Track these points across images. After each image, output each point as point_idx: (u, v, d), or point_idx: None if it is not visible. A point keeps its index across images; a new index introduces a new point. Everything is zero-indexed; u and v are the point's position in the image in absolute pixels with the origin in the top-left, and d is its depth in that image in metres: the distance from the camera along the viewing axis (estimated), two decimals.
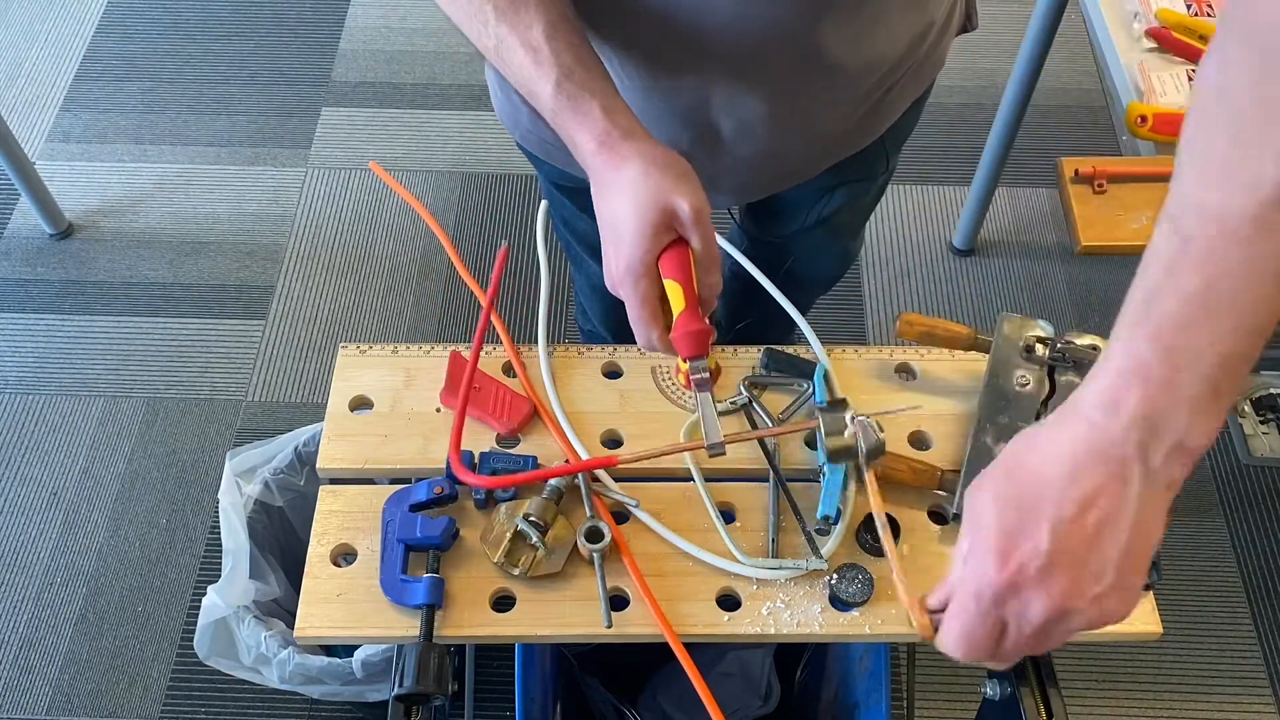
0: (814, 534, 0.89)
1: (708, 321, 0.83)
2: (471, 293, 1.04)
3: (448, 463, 0.92)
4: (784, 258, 1.35)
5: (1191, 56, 1.45)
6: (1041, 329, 0.98)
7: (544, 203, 1.09)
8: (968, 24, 1.15)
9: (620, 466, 0.93)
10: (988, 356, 0.97)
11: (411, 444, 0.96)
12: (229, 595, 1.41)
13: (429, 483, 0.90)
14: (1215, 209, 0.58)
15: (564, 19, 0.82)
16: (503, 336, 1.02)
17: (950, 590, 0.67)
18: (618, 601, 0.87)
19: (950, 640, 0.67)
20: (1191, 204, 0.59)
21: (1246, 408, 2.01)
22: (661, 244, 0.79)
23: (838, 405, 0.87)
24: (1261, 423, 1.99)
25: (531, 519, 0.87)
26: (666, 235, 0.79)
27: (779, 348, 1.02)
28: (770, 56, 0.95)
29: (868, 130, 1.13)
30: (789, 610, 0.87)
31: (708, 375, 0.83)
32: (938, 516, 0.92)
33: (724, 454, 0.84)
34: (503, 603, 0.87)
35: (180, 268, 2.24)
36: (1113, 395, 0.60)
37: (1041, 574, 0.62)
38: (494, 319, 1.01)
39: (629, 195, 0.78)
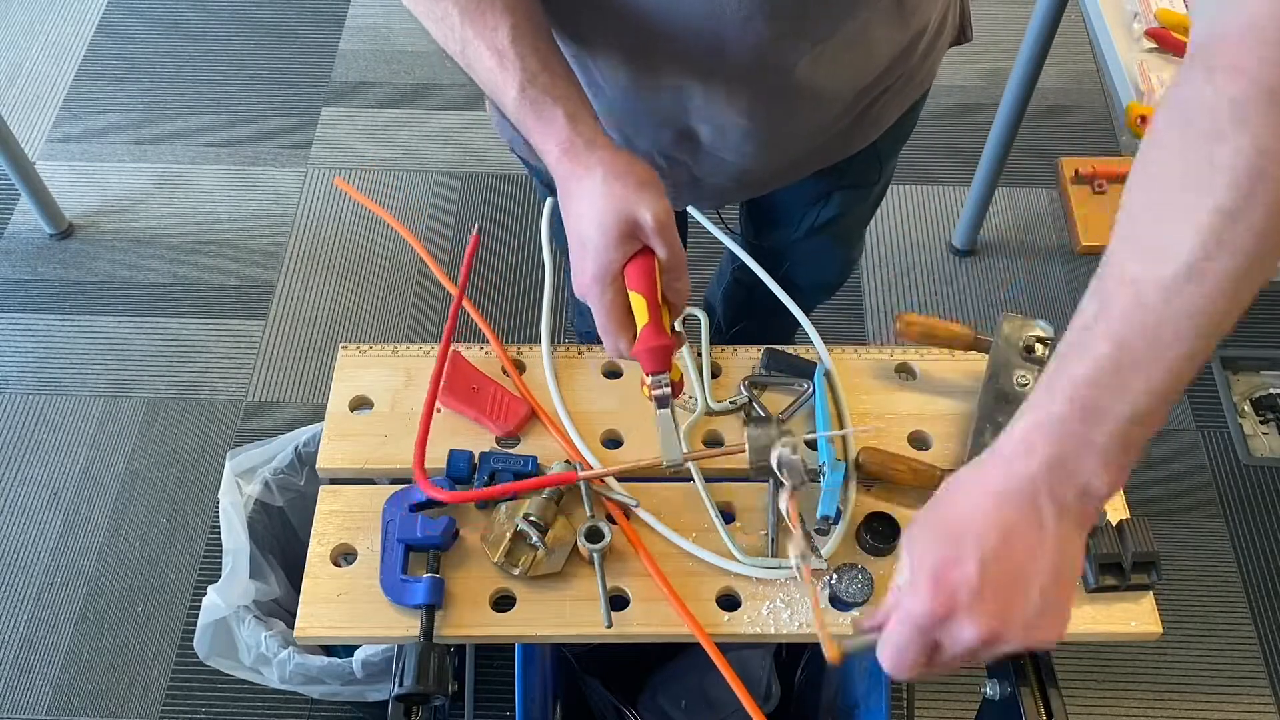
0: (814, 534, 0.89)
1: (674, 331, 0.82)
2: (471, 294, 1.04)
3: (447, 463, 0.92)
4: (782, 265, 1.35)
5: None
6: (1041, 329, 0.98)
7: (550, 200, 1.08)
8: (962, 36, 1.14)
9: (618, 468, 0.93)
10: (988, 356, 0.97)
11: (411, 444, 0.95)
12: (229, 595, 1.41)
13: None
14: (1131, 274, 0.63)
15: (529, 21, 0.81)
16: (490, 338, 1.01)
17: (887, 614, 0.70)
18: (618, 601, 0.87)
19: (884, 658, 0.70)
20: (1114, 266, 0.64)
21: (1246, 408, 2.01)
22: (626, 254, 0.79)
23: (764, 422, 0.83)
24: (1261, 423, 1.99)
25: (532, 519, 0.87)
26: (631, 245, 0.79)
27: (779, 348, 1.02)
28: (745, 74, 0.94)
29: (855, 138, 1.12)
30: (789, 610, 0.87)
31: (668, 390, 0.81)
32: None
33: (682, 468, 0.82)
34: (503, 603, 0.87)
35: (180, 268, 2.24)
36: (1027, 441, 0.65)
37: (972, 602, 0.65)
38: (476, 316, 1.01)
39: (592, 205, 0.79)
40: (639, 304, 0.80)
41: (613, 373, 1.02)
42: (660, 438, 0.81)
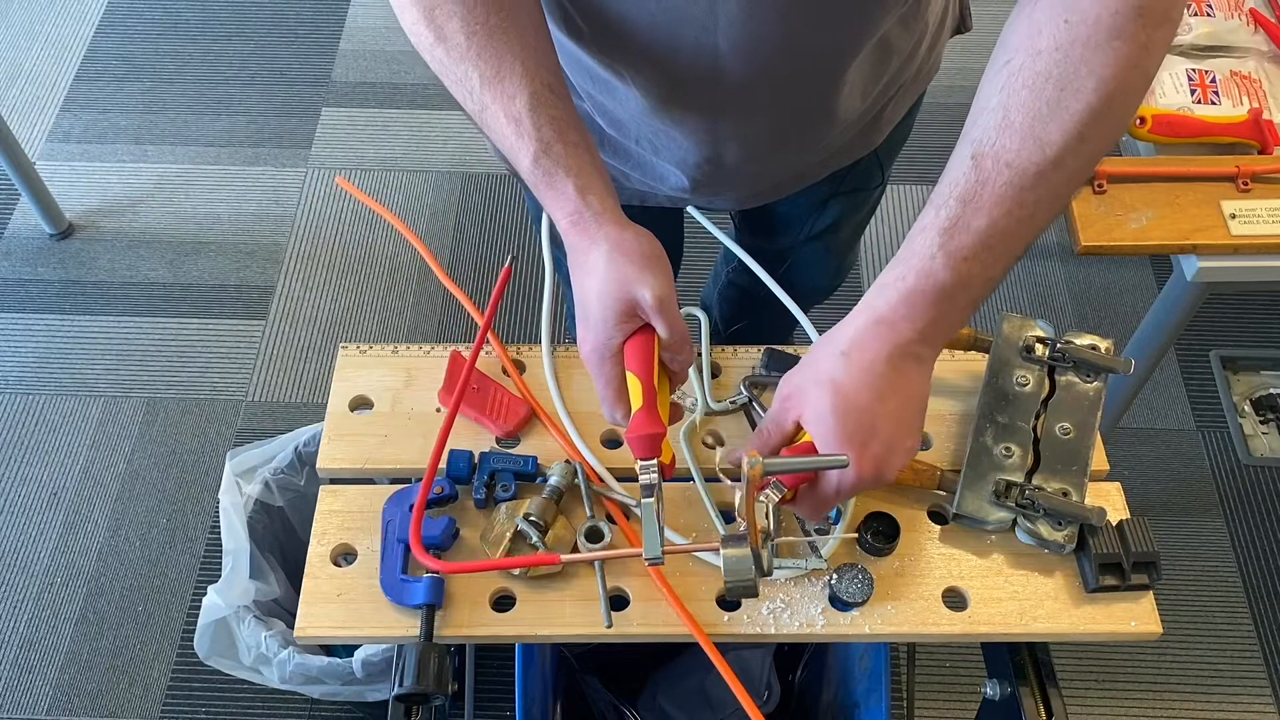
0: (814, 534, 0.89)
1: (673, 403, 0.83)
2: (472, 294, 1.04)
3: (447, 463, 0.92)
4: (779, 268, 1.35)
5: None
6: (1041, 329, 0.98)
7: None
8: (961, 26, 1.15)
9: (617, 468, 0.93)
10: (988, 356, 0.97)
11: (411, 444, 0.96)
12: (229, 595, 1.41)
13: None
14: (1009, 156, 0.72)
15: (548, 90, 0.81)
16: (494, 343, 1.01)
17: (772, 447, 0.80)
18: (618, 601, 0.87)
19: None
20: (991, 145, 0.72)
21: (1246, 408, 2.01)
22: (626, 331, 0.80)
23: (739, 540, 0.76)
24: (1261, 423, 1.99)
25: (532, 519, 0.87)
26: (631, 323, 0.80)
27: (779, 348, 1.02)
28: (779, 88, 0.95)
29: (867, 141, 1.13)
30: (789, 610, 0.87)
31: (655, 479, 0.78)
32: (938, 516, 0.92)
33: (662, 564, 0.78)
34: (503, 603, 0.87)
35: (180, 268, 2.24)
36: (910, 305, 0.75)
37: (889, 465, 0.77)
38: (477, 316, 1.00)
39: (596, 280, 0.79)
40: (634, 386, 0.79)
41: None
42: (643, 529, 0.77)
